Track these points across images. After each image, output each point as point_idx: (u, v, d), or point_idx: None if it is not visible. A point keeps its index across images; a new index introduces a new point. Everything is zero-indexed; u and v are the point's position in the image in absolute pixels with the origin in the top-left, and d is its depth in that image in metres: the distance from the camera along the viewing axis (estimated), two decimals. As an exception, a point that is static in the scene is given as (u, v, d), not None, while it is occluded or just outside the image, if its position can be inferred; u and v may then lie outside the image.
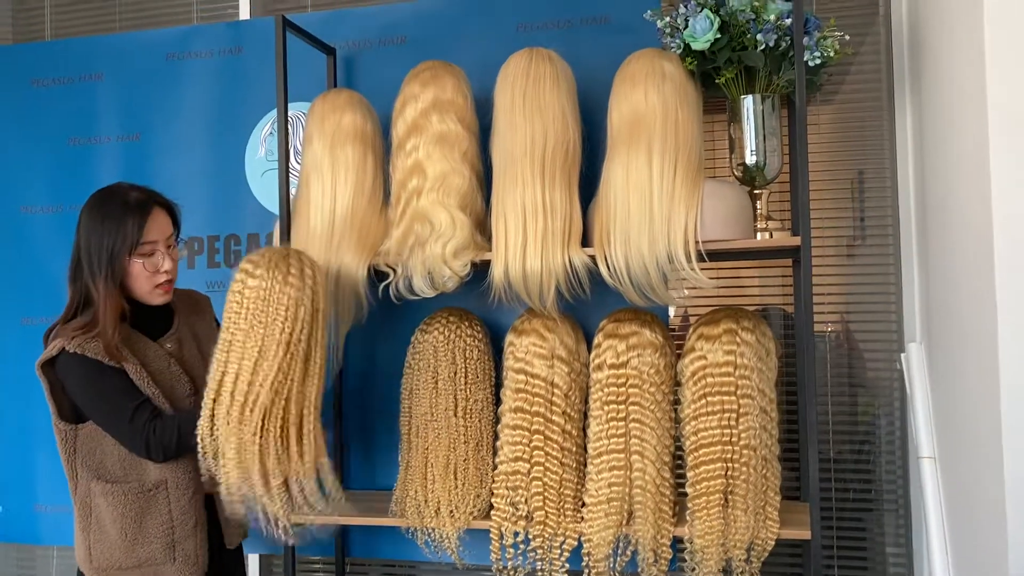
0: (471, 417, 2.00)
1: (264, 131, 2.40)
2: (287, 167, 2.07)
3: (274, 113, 2.36)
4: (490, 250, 1.91)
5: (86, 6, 2.74)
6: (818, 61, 1.79)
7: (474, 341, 2.04)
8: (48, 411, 2.50)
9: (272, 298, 1.73)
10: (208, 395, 1.72)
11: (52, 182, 2.55)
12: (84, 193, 2.49)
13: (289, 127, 2.13)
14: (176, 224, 1.93)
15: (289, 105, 2.08)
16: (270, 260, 1.77)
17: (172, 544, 1.78)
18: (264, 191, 2.41)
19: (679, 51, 1.85)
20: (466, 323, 2.05)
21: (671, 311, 2.22)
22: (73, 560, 2.63)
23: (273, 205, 2.39)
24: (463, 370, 2.01)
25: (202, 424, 1.70)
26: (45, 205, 2.56)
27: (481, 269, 1.95)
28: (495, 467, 1.97)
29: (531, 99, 1.87)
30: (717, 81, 1.85)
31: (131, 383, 1.78)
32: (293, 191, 2.11)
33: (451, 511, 1.96)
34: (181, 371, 1.88)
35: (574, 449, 1.93)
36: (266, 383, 1.68)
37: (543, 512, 1.89)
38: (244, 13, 2.57)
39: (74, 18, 2.73)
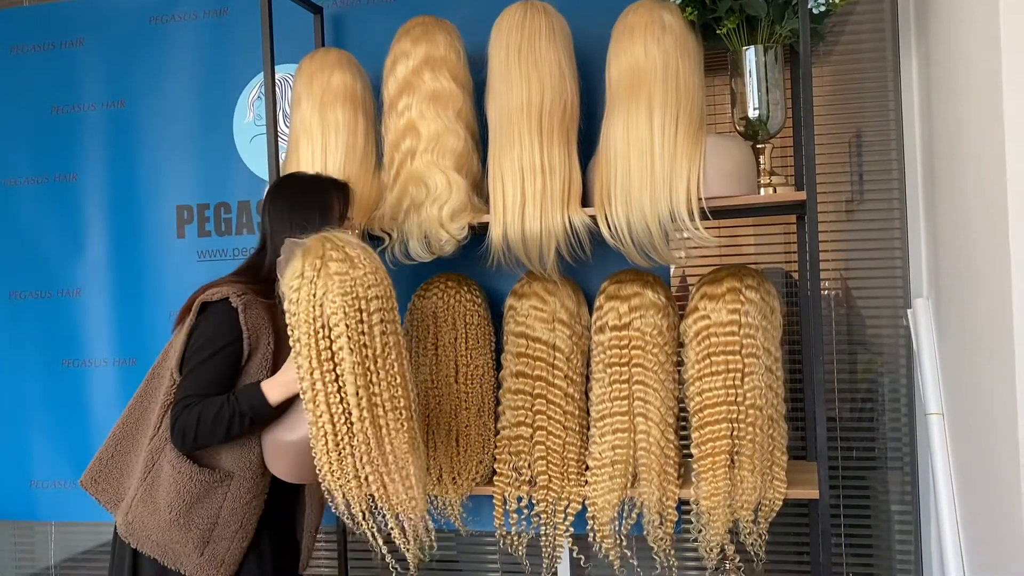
0: (472, 383, 1.97)
1: (251, 95, 2.34)
2: (276, 131, 2.02)
3: (261, 76, 2.30)
4: (488, 212, 1.87)
5: (65, -30, 2.66)
6: (823, 8, 1.73)
7: (473, 306, 2.00)
8: (41, 385, 2.49)
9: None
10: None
11: (36, 152, 2.50)
12: (69, 162, 2.46)
13: (277, 90, 2.07)
14: None
15: (276, 67, 2.02)
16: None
17: (206, 540, 1.68)
18: (253, 157, 2.35)
19: (679, 1, 1.79)
20: (464, 288, 2.01)
21: (670, 269, 2.18)
22: (70, 536, 2.62)
23: (263, 171, 2.33)
24: (463, 335, 1.98)
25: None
26: (30, 176, 2.50)
27: (479, 232, 1.91)
28: (497, 432, 1.94)
29: (526, 54, 1.81)
30: (718, 32, 1.80)
31: (233, 372, 1.66)
32: (283, 156, 2.06)
33: (453, 478, 1.93)
34: None
35: (577, 412, 1.90)
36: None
37: (546, 476, 1.87)
38: (228, -27, 2.50)
39: (53, -18, 2.65)
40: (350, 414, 1.52)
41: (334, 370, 1.51)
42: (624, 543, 1.86)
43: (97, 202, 2.45)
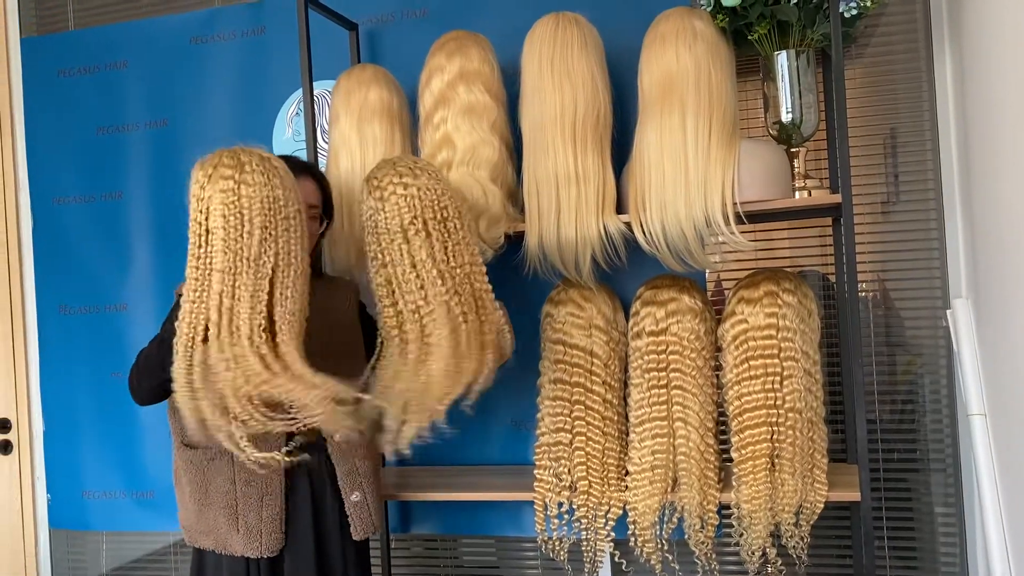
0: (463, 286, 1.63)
1: (290, 111, 2.39)
2: (315, 146, 2.06)
3: (299, 93, 2.35)
4: (523, 221, 1.90)
5: (107, -6, 2.74)
6: (854, 12, 1.74)
7: (444, 195, 1.64)
8: (91, 397, 2.56)
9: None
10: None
11: (83, 172, 2.57)
12: (115, 182, 2.53)
13: (315, 106, 2.11)
14: (326, 201, 1.84)
15: (314, 84, 2.06)
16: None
17: (235, 514, 1.73)
18: (293, 172, 2.40)
19: (710, 8, 1.80)
20: (424, 174, 1.63)
21: (705, 274, 2.19)
22: (121, 545, 2.69)
23: (302, 185, 2.38)
24: (442, 239, 1.62)
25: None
26: (78, 195, 2.57)
27: (515, 240, 1.94)
28: (537, 440, 1.96)
29: (559, 65, 1.83)
30: (750, 38, 1.81)
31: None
32: (322, 170, 2.10)
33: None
34: None
35: (615, 418, 1.91)
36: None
37: (587, 482, 1.88)
38: (265, -7, 2.56)
39: (96, 6, 2.73)
40: (209, 317, 1.50)
41: (208, 265, 1.50)
42: (665, 547, 1.87)
43: (142, 219, 2.51)
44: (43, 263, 2.62)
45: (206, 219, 1.50)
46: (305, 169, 1.80)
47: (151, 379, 1.64)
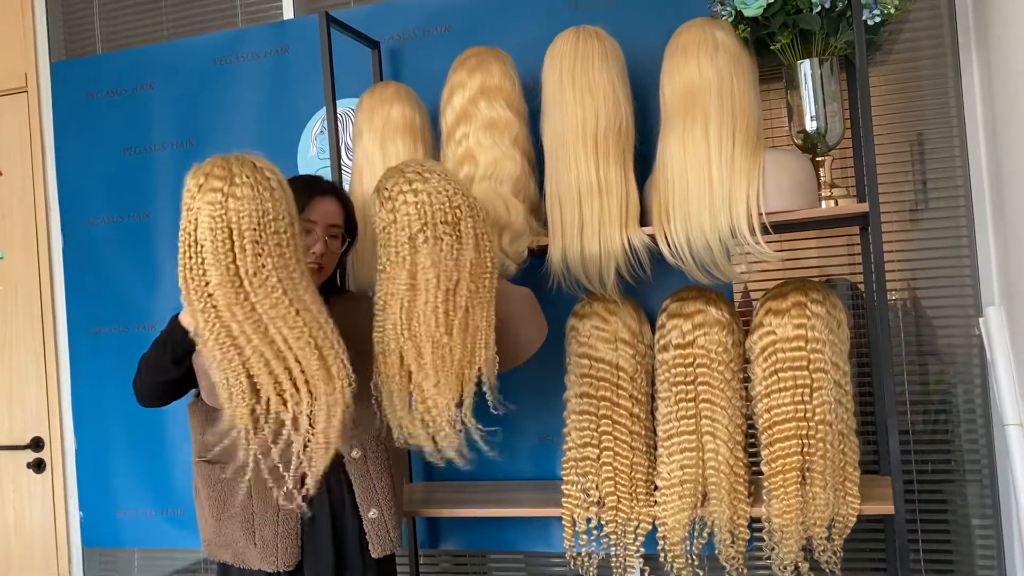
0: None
1: (314, 129, 2.41)
2: (339, 164, 2.08)
3: (323, 111, 2.37)
4: (546, 235, 1.89)
5: (133, 17, 2.78)
6: (878, 19, 1.72)
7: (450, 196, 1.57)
8: (122, 416, 2.59)
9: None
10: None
11: (112, 193, 2.61)
12: (143, 202, 2.57)
13: (339, 124, 2.13)
14: (348, 220, 1.83)
15: (337, 102, 2.08)
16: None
17: (252, 528, 1.73)
18: (317, 189, 2.42)
19: (731, 19, 1.79)
20: (434, 175, 1.57)
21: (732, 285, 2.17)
22: (152, 562, 2.71)
23: (327, 203, 2.39)
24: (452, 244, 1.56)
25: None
26: (107, 216, 2.61)
27: (538, 255, 1.93)
28: (563, 454, 1.95)
29: (580, 78, 1.83)
30: (772, 47, 1.80)
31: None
32: (347, 187, 2.11)
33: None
34: None
35: (643, 432, 1.90)
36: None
37: (615, 497, 1.87)
38: (288, 13, 2.58)
39: (123, 29, 2.77)
40: (229, 327, 1.48)
41: (202, 278, 1.47)
42: (696, 563, 1.84)
43: (170, 239, 2.53)
44: (74, 283, 2.65)
45: (195, 230, 1.47)
46: (327, 189, 1.80)
47: (149, 379, 1.72)
